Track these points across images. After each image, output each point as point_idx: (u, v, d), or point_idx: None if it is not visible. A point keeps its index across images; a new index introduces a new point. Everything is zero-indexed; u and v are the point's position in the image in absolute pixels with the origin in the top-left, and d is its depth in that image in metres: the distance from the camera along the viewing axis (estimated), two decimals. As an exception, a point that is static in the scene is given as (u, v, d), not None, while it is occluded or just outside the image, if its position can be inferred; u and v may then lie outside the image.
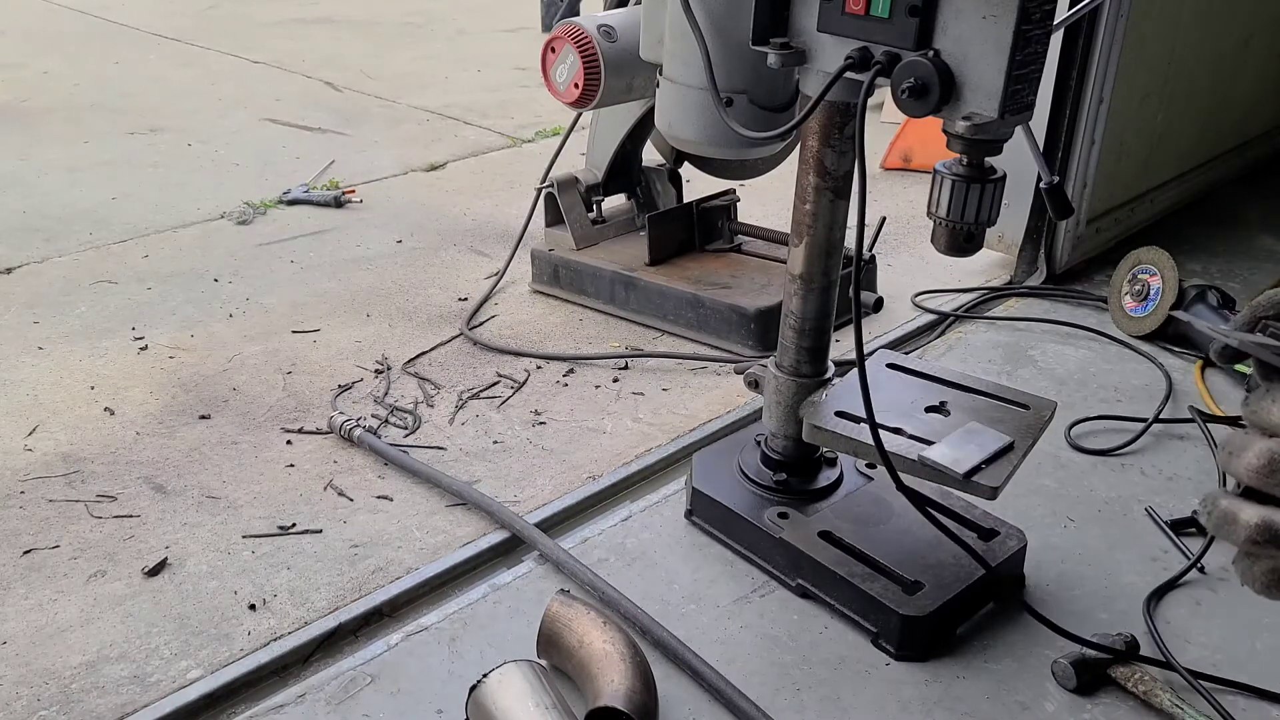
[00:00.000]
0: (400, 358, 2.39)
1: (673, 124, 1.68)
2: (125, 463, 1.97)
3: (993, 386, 1.63)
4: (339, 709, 1.39)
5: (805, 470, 1.71)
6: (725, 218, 2.74)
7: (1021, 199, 2.70)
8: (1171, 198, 3.17)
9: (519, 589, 1.62)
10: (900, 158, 3.79)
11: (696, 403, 2.21)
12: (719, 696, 1.39)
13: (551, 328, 2.56)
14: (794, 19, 1.37)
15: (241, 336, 2.49)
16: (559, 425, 2.12)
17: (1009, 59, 1.16)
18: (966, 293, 2.72)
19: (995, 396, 1.57)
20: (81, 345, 2.43)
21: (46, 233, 3.11)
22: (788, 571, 1.60)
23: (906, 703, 1.40)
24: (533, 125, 4.37)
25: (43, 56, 5.47)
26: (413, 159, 3.92)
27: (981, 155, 1.29)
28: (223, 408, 2.17)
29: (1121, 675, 1.40)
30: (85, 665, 1.48)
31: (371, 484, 1.91)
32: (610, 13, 2.48)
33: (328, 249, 3.04)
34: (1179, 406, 2.14)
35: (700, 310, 2.44)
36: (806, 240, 1.54)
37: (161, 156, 3.90)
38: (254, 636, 1.54)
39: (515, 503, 1.85)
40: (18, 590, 1.63)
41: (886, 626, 1.47)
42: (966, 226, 1.32)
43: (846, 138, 1.46)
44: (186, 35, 6.11)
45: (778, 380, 1.63)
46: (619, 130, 2.68)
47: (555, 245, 2.74)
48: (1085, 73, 2.53)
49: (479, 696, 1.29)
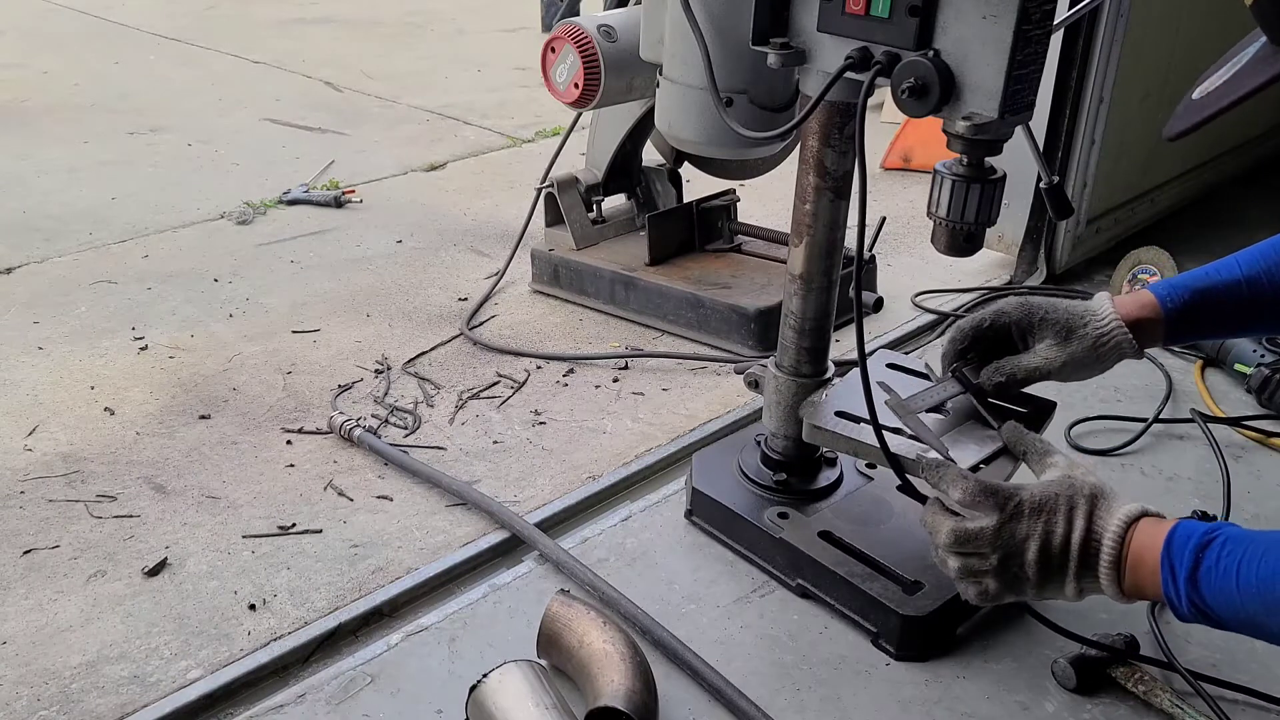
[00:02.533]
0: (400, 358, 2.39)
1: (673, 124, 1.68)
2: (125, 463, 1.97)
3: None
4: (339, 709, 1.39)
5: (805, 470, 1.71)
6: (725, 218, 2.74)
7: (1021, 199, 2.70)
8: (1171, 198, 3.17)
9: (519, 589, 1.62)
10: (900, 158, 3.79)
11: (696, 403, 2.21)
12: (719, 696, 1.39)
13: (551, 328, 2.56)
14: (794, 19, 1.37)
15: (241, 336, 2.49)
16: (559, 425, 2.12)
17: (1009, 59, 1.16)
18: (966, 293, 2.72)
19: (995, 396, 1.57)
20: (81, 345, 2.43)
21: (46, 233, 3.11)
22: (788, 571, 1.60)
23: (906, 703, 1.40)
24: (533, 125, 4.37)
25: (43, 56, 5.47)
26: (413, 159, 3.92)
27: (981, 155, 1.28)
28: (223, 408, 2.17)
29: (1121, 675, 1.40)
30: (85, 665, 1.48)
31: (371, 484, 1.91)
32: (610, 13, 2.48)
33: (328, 249, 3.04)
34: (1179, 407, 2.14)
35: (700, 310, 2.44)
36: (806, 240, 1.54)
37: (161, 156, 3.90)
38: (254, 636, 1.54)
39: (515, 503, 1.85)
40: (18, 590, 1.63)
41: (886, 626, 1.47)
42: (966, 226, 1.32)
43: (846, 138, 1.46)
44: (186, 35, 6.11)
45: (778, 380, 1.63)
46: (619, 130, 2.68)
47: (555, 245, 2.74)
48: (1085, 73, 2.53)
49: (479, 696, 1.29)
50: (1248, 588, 1.09)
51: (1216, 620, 1.13)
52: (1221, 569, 1.11)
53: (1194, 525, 1.17)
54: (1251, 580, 1.08)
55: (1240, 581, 1.09)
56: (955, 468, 1.31)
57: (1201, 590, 1.12)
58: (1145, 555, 1.17)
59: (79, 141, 4.05)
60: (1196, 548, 1.13)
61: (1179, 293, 1.45)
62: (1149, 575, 1.17)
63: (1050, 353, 1.45)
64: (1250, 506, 1.82)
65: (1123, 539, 1.18)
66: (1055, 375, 1.46)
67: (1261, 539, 1.11)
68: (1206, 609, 1.13)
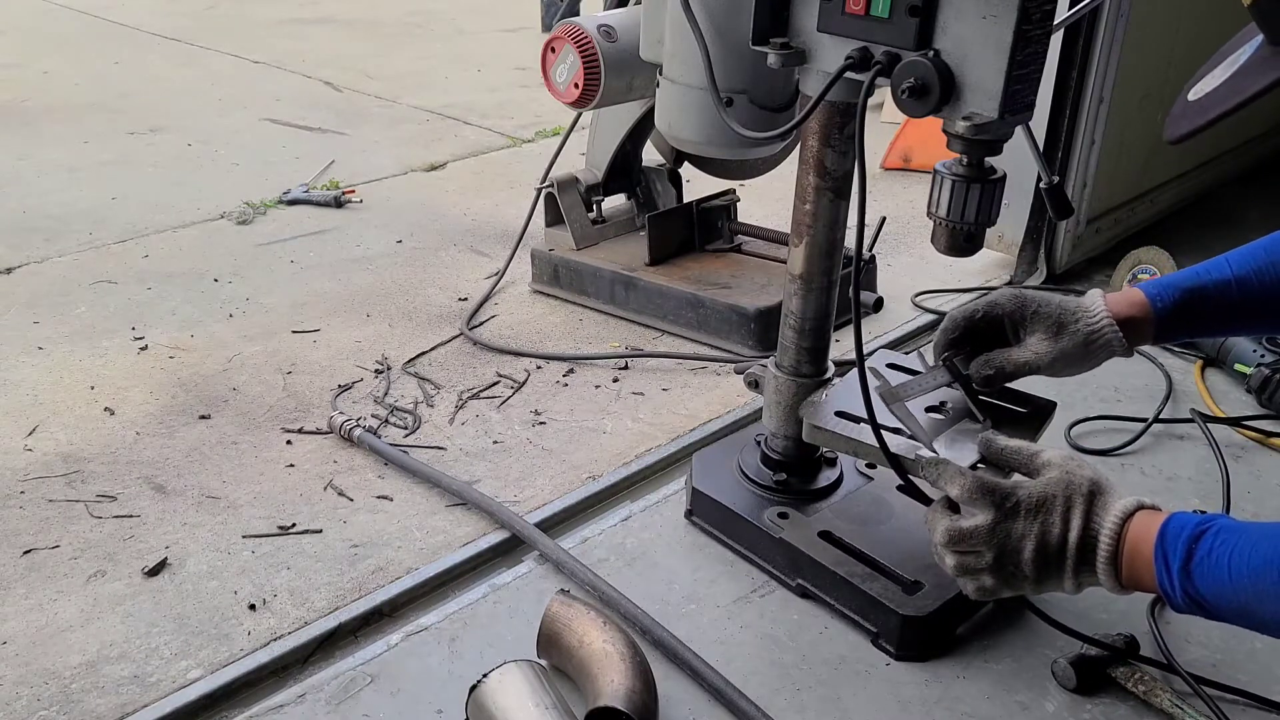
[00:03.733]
0: (400, 358, 2.39)
1: (673, 124, 1.68)
2: (125, 463, 1.97)
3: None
4: (339, 709, 1.39)
5: (805, 470, 1.71)
6: (725, 218, 2.74)
7: (1021, 199, 2.70)
8: (1171, 198, 3.17)
9: (519, 589, 1.62)
10: (900, 158, 3.79)
11: (696, 403, 2.21)
12: (719, 696, 1.39)
13: (551, 328, 2.56)
14: (794, 19, 1.37)
15: (241, 336, 2.49)
16: (559, 425, 2.12)
17: (1009, 59, 1.16)
18: (966, 293, 2.72)
19: (995, 396, 1.57)
20: (81, 345, 2.43)
21: (46, 233, 3.11)
22: (788, 571, 1.60)
23: (906, 703, 1.40)
24: (533, 125, 4.37)
25: (43, 56, 5.48)
26: (413, 159, 3.92)
27: (981, 155, 1.28)
28: (223, 408, 2.17)
29: (1122, 675, 1.40)
30: (85, 665, 1.48)
31: (371, 484, 1.91)
32: (610, 13, 2.48)
33: (328, 249, 3.04)
34: (1179, 407, 2.14)
35: (700, 310, 2.44)
36: (806, 240, 1.54)
37: (161, 156, 3.90)
38: (254, 636, 1.54)
39: (515, 503, 1.85)
40: (18, 590, 1.63)
41: (886, 626, 1.47)
42: (966, 226, 1.32)
43: (846, 138, 1.46)
44: (186, 35, 6.12)
45: (778, 380, 1.63)
46: (619, 130, 2.68)
47: (555, 245, 2.74)
48: (1085, 73, 2.53)
49: (479, 696, 1.29)
50: (1240, 577, 1.10)
51: (1211, 610, 1.14)
52: (1214, 560, 1.12)
53: (1187, 517, 1.18)
54: (1243, 570, 1.09)
55: (1232, 571, 1.10)
56: (954, 465, 1.31)
57: (1195, 580, 1.13)
58: (1141, 547, 1.18)
59: (79, 141, 4.05)
60: (1190, 539, 1.14)
61: (1169, 292, 1.45)
62: (1145, 567, 1.18)
63: (1040, 347, 1.45)
64: (1250, 506, 1.82)
65: (1119, 535, 1.19)
66: (1045, 370, 1.46)
67: (1254, 530, 1.12)
68: (1200, 599, 1.13)
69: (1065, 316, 1.45)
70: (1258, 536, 1.11)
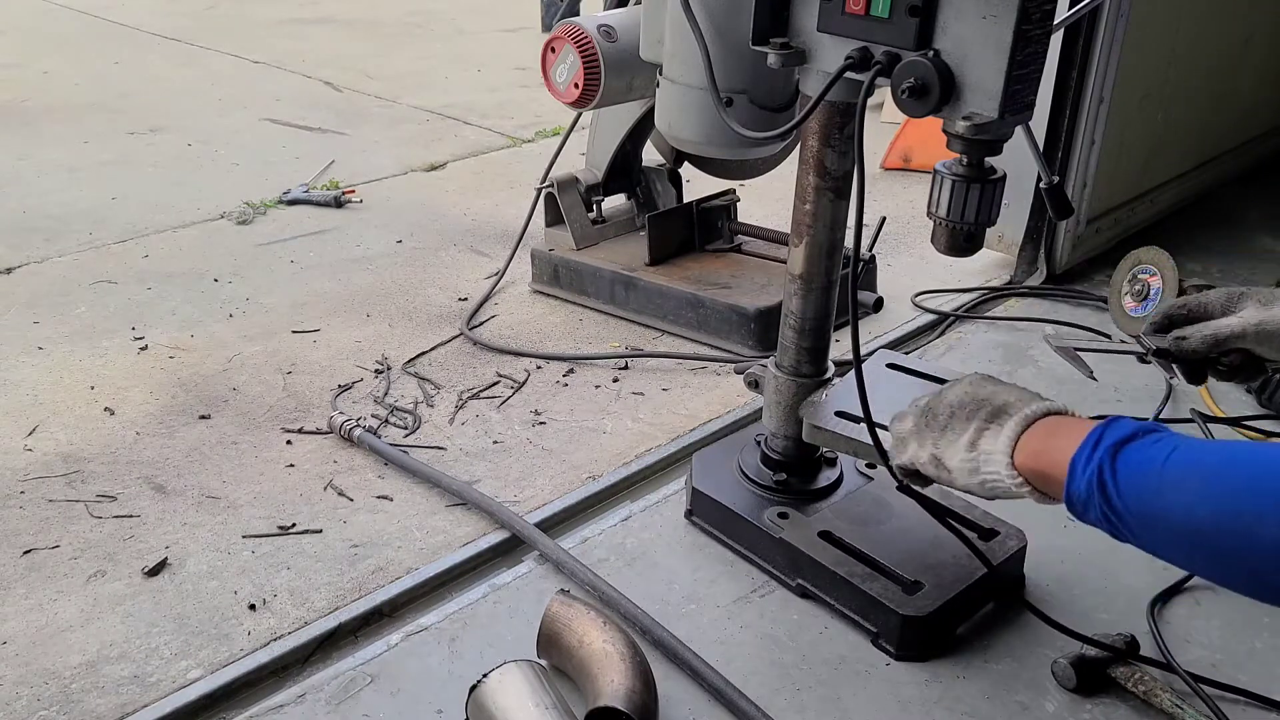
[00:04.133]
0: (400, 358, 2.39)
1: (673, 124, 1.68)
2: (125, 463, 1.97)
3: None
4: (339, 709, 1.39)
5: (805, 470, 1.71)
6: (725, 218, 2.74)
7: (1021, 199, 2.70)
8: (1171, 198, 3.17)
9: (519, 589, 1.62)
10: (900, 158, 3.79)
11: (696, 403, 2.21)
12: (719, 696, 1.39)
13: (551, 328, 2.56)
14: (794, 19, 1.37)
15: (241, 336, 2.49)
16: (559, 425, 2.12)
17: (1009, 59, 1.16)
18: (966, 293, 2.72)
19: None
20: (81, 345, 2.43)
21: (46, 233, 3.11)
22: (788, 571, 1.60)
23: (906, 703, 1.40)
24: (533, 125, 4.37)
25: (43, 56, 5.48)
26: (413, 159, 3.92)
27: (981, 155, 1.28)
28: (223, 408, 2.17)
29: (1122, 675, 1.40)
30: (85, 665, 1.48)
31: (371, 484, 1.91)
32: (610, 13, 2.48)
33: (328, 249, 3.04)
34: (1179, 407, 2.14)
35: (700, 310, 2.44)
36: (806, 240, 1.54)
37: (161, 156, 3.90)
38: (254, 636, 1.54)
39: (515, 503, 1.85)
40: (18, 590, 1.63)
41: (886, 626, 1.47)
42: (966, 226, 1.32)
43: (846, 138, 1.46)
44: (186, 35, 6.11)
45: (778, 380, 1.63)
46: (619, 130, 2.68)
47: (555, 245, 2.74)
48: (1085, 73, 2.53)
49: (479, 696, 1.29)
50: (1175, 471, 0.94)
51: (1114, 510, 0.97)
52: (1152, 453, 0.98)
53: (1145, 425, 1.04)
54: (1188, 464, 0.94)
55: (1168, 464, 0.95)
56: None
57: (1117, 464, 0.98)
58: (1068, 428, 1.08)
59: (79, 141, 4.05)
60: (1140, 430, 1.01)
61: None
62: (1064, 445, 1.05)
63: (1251, 315, 1.32)
64: (1250, 506, 1.82)
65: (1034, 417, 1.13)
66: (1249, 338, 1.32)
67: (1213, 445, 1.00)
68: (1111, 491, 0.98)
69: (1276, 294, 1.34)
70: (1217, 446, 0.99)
